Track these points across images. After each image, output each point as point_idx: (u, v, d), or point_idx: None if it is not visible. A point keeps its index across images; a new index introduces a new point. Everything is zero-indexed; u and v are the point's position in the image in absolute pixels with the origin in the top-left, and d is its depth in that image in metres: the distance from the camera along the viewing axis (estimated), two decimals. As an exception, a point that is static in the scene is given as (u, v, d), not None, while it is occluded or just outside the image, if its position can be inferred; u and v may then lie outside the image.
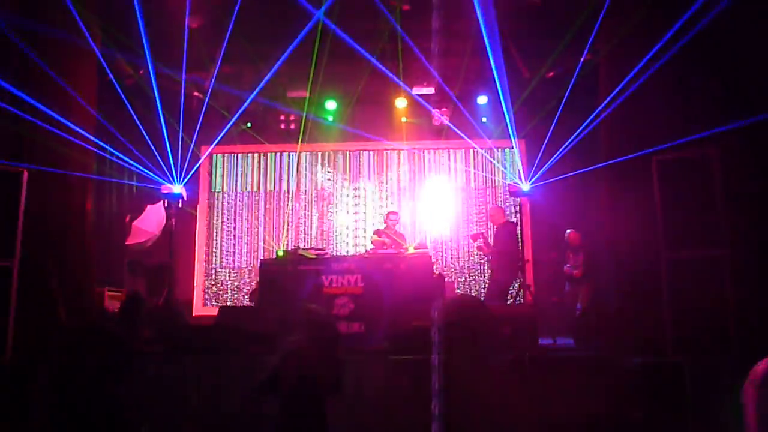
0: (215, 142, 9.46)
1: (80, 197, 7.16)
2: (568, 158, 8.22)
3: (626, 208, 6.55)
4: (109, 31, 7.62)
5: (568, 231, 8.80)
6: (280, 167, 11.18)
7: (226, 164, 11.22)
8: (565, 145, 8.00)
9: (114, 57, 8.03)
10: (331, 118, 10.63)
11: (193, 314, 10.55)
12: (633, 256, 6.47)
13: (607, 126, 7.07)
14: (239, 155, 11.22)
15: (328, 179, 11.13)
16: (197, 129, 9.12)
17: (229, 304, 10.70)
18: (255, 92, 8.55)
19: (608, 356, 5.47)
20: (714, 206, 5.76)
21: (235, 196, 11.17)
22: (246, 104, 8.87)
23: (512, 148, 10.03)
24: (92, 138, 7.29)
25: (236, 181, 11.19)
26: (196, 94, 9.80)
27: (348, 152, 11.14)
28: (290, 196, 11.08)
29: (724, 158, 5.71)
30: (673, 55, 6.01)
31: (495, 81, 7.92)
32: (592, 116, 7.22)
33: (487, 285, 9.62)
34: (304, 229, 10.99)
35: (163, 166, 8.23)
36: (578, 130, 7.61)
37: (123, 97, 7.76)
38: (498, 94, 8.10)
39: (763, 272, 5.65)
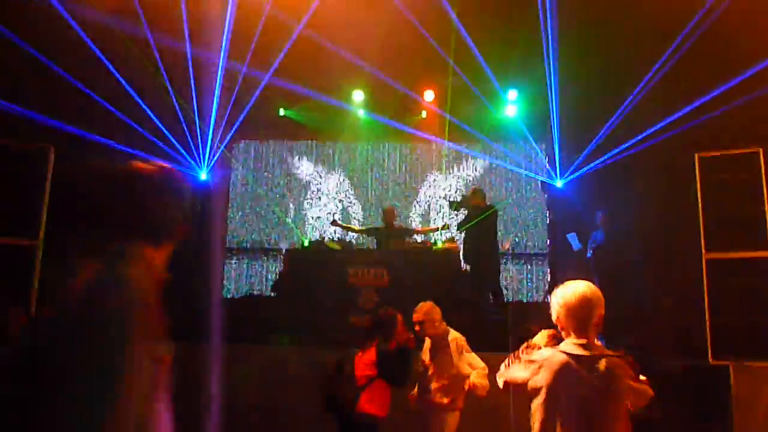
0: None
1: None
2: (600, 150, 7.99)
3: (663, 204, 6.34)
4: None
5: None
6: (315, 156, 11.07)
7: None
8: (598, 135, 7.78)
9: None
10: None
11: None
12: (669, 254, 6.25)
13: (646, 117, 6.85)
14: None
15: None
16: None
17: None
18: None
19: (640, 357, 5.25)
20: (757, 206, 5.52)
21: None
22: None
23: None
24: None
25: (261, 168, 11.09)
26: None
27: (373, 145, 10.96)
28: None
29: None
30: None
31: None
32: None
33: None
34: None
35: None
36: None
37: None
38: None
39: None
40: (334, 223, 8.98)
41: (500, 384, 2.84)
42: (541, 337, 2.95)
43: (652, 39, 6.85)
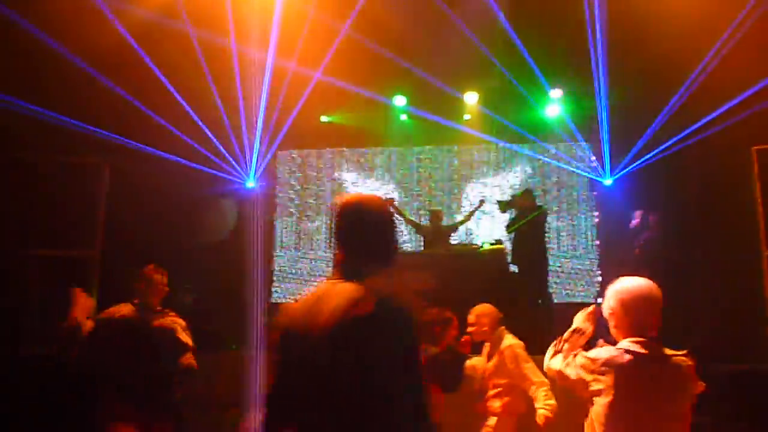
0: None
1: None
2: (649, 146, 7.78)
3: (720, 199, 6.14)
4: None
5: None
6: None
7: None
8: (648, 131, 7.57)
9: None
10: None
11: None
12: (727, 252, 6.04)
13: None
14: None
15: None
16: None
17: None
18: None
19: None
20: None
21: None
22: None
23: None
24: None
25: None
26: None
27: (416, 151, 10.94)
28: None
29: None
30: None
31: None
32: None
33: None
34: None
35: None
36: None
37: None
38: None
39: None
40: (389, 202, 9.03)
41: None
42: (583, 318, 2.85)
43: (700, 31, 6.64)
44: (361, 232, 1.96)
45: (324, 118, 10.24)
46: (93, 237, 5.56)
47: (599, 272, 9.76)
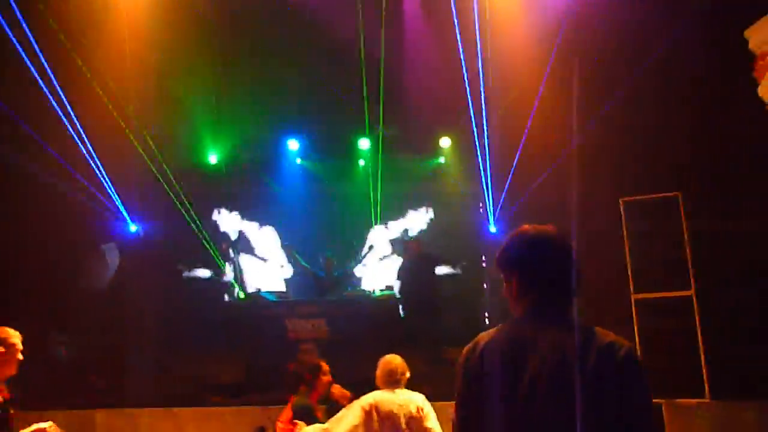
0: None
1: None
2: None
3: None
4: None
5: None
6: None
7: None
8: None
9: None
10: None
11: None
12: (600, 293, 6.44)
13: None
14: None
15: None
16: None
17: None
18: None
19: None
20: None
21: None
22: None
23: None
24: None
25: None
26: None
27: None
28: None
29: None
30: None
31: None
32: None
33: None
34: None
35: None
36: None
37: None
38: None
39: None
40: (288, 247, 8.96)
41: None
42: None
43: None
44: (564, 268, 1.70)
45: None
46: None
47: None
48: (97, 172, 7.58)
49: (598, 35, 6.75)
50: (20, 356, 3.60)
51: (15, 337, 3.60)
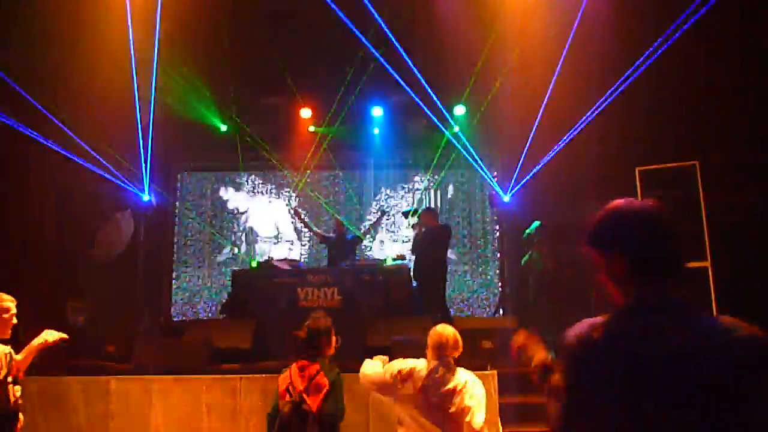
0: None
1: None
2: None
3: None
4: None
5: None
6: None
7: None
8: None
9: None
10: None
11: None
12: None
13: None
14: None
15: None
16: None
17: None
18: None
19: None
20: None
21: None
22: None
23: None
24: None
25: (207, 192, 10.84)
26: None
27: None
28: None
29: None
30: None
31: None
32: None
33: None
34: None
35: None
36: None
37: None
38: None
39: None
40: (295, 211, 9.04)
41: None
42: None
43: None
44: (677, 249, 1.55)
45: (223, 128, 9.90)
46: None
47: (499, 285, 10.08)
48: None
49: (621, 2, 6.58)
50: (14, 320, 3.65)
51: (8, 301, 3.65)
